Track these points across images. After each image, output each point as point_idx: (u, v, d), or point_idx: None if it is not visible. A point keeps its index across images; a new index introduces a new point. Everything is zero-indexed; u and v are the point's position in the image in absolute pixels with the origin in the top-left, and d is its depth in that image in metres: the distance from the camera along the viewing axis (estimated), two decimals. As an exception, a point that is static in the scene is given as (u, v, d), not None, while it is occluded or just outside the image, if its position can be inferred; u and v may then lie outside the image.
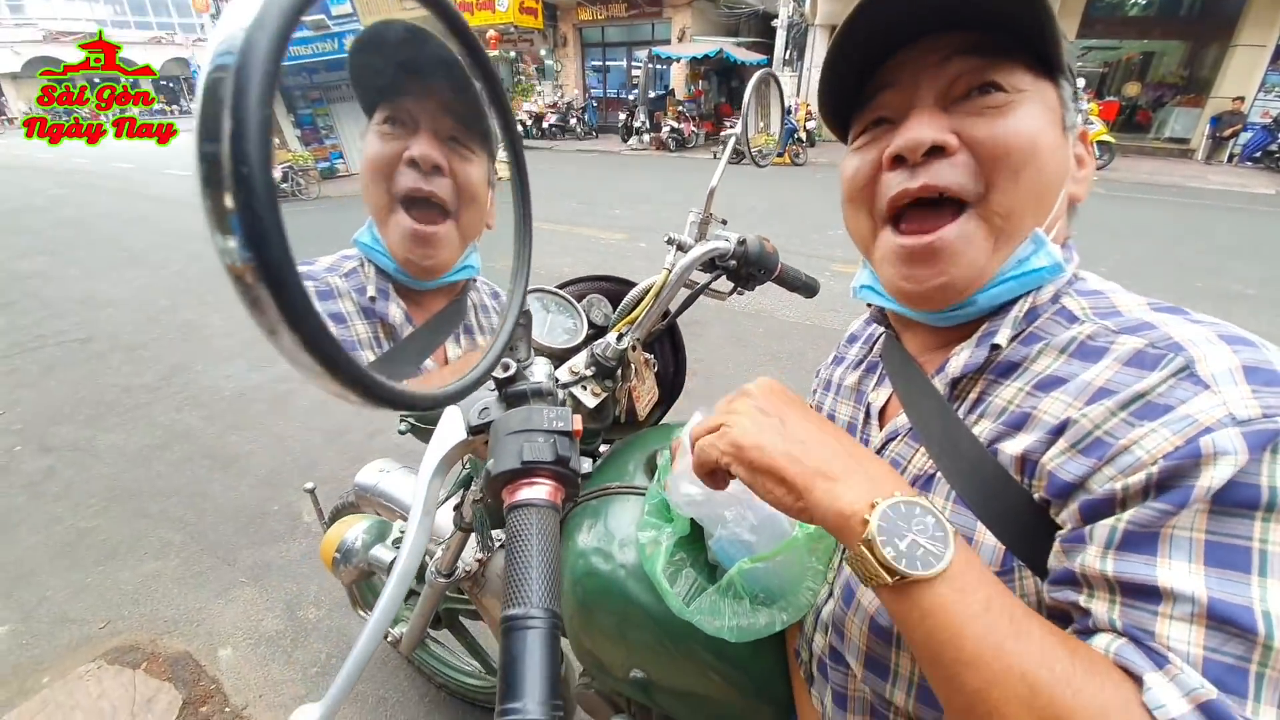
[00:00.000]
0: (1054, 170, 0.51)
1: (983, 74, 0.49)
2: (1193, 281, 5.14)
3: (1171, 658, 0.36)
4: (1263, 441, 0.36)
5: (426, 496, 0.45)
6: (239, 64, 0.22)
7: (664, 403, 1.05)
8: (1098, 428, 0.42)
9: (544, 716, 0.31)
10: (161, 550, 2.24)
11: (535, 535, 0.38)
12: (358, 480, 1.28)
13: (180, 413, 3.17)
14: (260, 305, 0.24)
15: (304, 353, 0.26)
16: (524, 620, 0.34)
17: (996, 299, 0.52)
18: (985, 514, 0.48)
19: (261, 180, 0.22)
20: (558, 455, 0.41)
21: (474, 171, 0.56)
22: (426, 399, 0.34)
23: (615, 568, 0.73)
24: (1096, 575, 0.40)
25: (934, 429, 0.54)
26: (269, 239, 0.23)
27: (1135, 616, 0.38)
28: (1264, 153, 11.33)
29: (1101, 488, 0.41)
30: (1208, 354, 0.41)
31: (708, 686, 0.74)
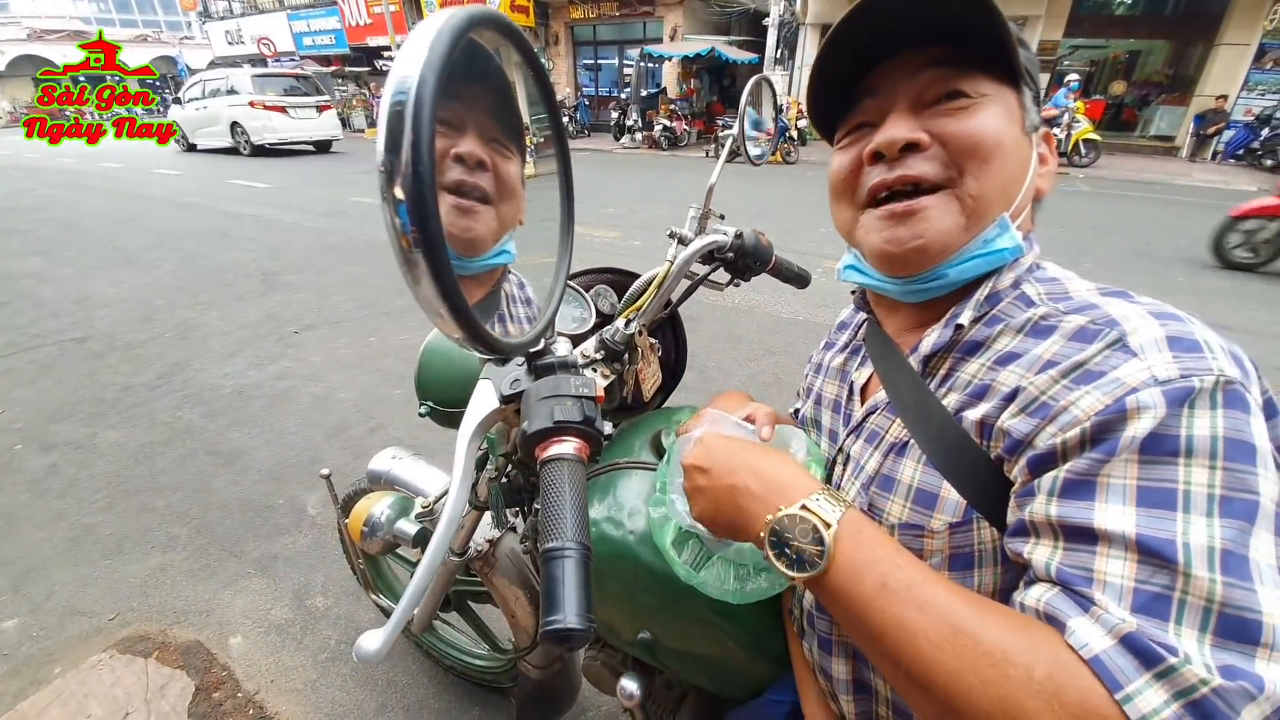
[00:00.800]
0: (1017, 164, 0.57)
1: (949, 83, 0.56)
2: (1174, 276, 5.26)
3: (1101, 598, 0.40)
4: (1180, 397, 0.42)
5: (466, 456, 0.52)
6: (415, 98, 0.31)
7: (666, 386, 1.11)
8: (1043, 393, 0.48)
9: (581, 625, 0.37)
10: (168, 544, 2.28)
11: (568, 483, 0.44)
12: (371, 467, 1.33)
13: (181, 410, 3.20)
14: (414, 263, 0.34)
15: (439, 298, 0.36)
16: (560, 551, 0.40)
17: (964, 274, 0.58)
18: (949, 473, 0.55)
19: (428, 178, 0.32)
20: (585, 416, 0.47)
21: (511, 168, 0.63)
22: (507, 345, 0.45)
23: (625, 534, 0.79)
24: (1042, 521, 0.45)
25: (908, 401, 0.60)
26: (428, 217, 0.33)
27: (1074, 558, 0.43)
28: (1246, 150, 11.54)
29: (1045, 443, 0.47)
30: (1138, 327, 0.47)
31: (710, 645, 0.80)
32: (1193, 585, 0.38)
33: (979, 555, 0.54)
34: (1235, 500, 0.40)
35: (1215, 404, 0.42)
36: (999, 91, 0.57)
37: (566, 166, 0.58)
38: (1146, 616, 0.39)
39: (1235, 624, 0.37)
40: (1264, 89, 11.81)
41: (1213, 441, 0.41)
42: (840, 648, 0.67)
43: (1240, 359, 0.46)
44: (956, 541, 0.54)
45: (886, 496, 0.60)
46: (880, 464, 0.62)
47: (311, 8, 21.96)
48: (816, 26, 14.00)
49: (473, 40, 0.37)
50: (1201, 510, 0.40)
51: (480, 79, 0.54)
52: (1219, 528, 0.39)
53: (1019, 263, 0.60)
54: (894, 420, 0.63)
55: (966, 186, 0.56)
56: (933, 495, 0.56)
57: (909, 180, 0.57)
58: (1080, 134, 10.91)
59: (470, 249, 0.67)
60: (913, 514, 0.57)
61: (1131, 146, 13.66)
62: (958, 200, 0.57)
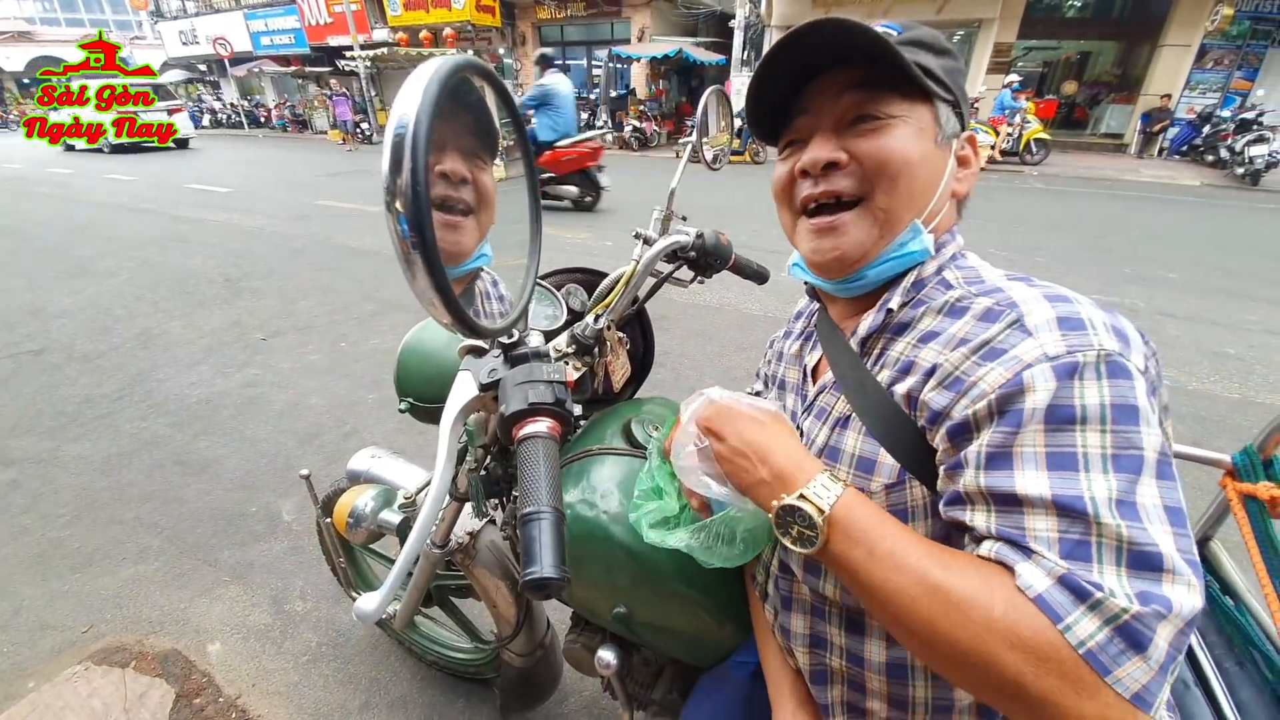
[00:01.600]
0: (927, 176, 0.65)
1: (862, 107, 0.64)
2: (1122, 268, 5.52)
3: (1036, 548, 0.48)
4: (1068, 371, 0.50)
5: (450, 438, 0.57)
6: (413, 132, 0.39)
7: (635, 379, 1.17)
8: (956, 368, 0.56)
9: (556, 574, 0.43)
10: (140, 555, 2.25)
11: (542, 457, 0.50)
12: (350, 466, 1.36)
13: (146, 421, 3.14)
14: (413, 263, 0.42)
15: (433, 290, 0.43)
16: (537, 513, 0.46)
17: (882, 274, 0.67)
18: (885, 441, 0.62)
19: (423, 194, 0.40)
20: (556, 398, 0.53)
21: (487, 178, 0.69)
22: (488, 330, 0.52)
23: (599, 514, 0.85)
24: (974, 491, 0.53)
25: (850, 379, 0.68)
26: (424, 225, 0.41)
27: (1007, 519, 0.51)
28: (1190, 147, 12.07)
29: (959, 414, 0.54)
30: (1033, 310, 0.55)
31: (681, 614, 0.87)
32: (1104, 530, 0.46)
33: (912, 510, 0.61)
34: (1123, 457, 0.48)
35: (1100, 375, 0.50)
36: (911, 110, 0.64)
37: (532, 170, 0.64)
38: (1074, 560, 0.46)
39: (1141, 557, 0.45)
40: (1205, 88, 12.41)
41: (1101, 409, 0.49)
42: (799, 605, 0.74)
43: (1122, 331, 0.53)
44: (893, 500, 0.62)
45: (833, 465, 0.67)
46: (828, 437, 0.70)
47: (269, 7, 21.39)
48: (781, 29, 14.22)
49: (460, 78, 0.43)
50: (1099, 468, 0.48)
51: (463, 108, 0.60)
52: (1114, 481, 0.47)
53: (942, 253, 0.68)
54: (839, 397, 0.70)
55: (878, 201, 0.64)
56: (871, 461, 0.64)
57: (831, 194, 0.66)
58: (1031, 134, 11.37)
59: (455, 260, 0.74)
60: (855, 479, 0.65)
61: (1083, 144, 14.20)
62: (871, 214, 0.65)
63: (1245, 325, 4.19)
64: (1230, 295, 4.79)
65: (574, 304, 1.02)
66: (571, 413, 0.54)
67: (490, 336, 0.51)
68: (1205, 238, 6.67)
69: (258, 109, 23.83)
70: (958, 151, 0.68)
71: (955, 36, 14.56)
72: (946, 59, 0.66)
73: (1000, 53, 13.09)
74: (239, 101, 23.71)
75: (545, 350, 0.59)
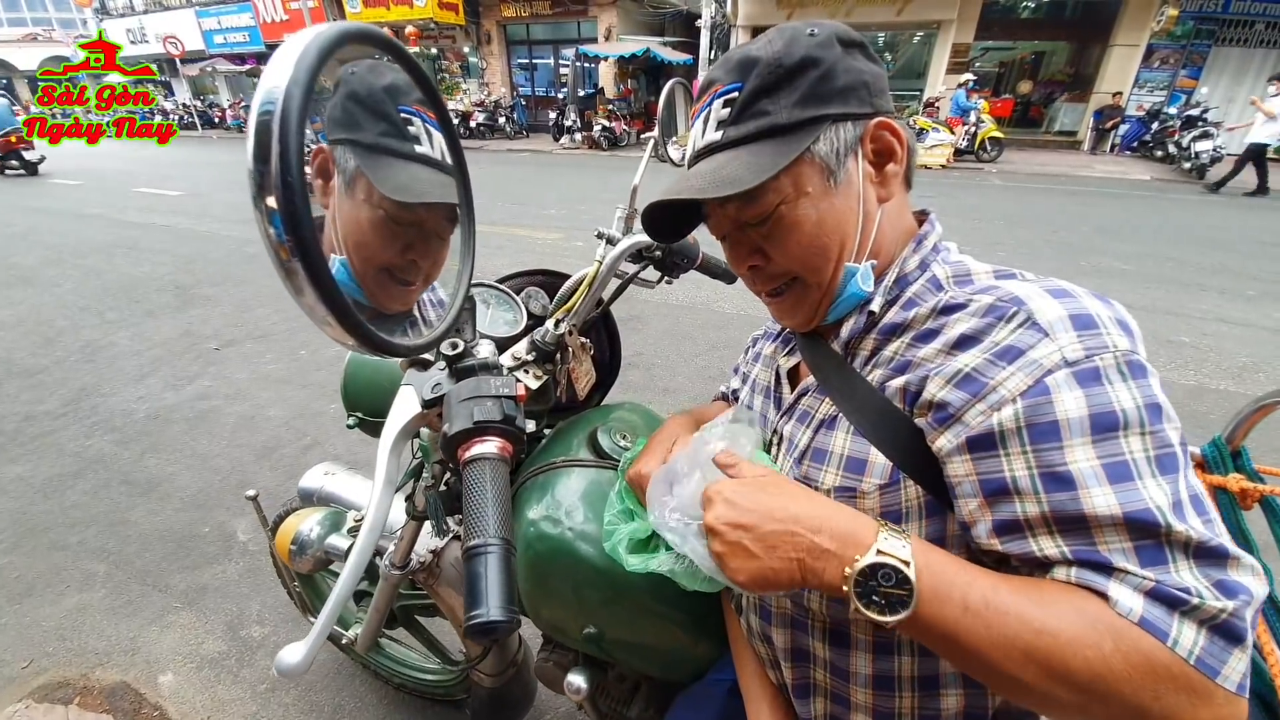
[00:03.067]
0: (833, 225, 0.62)
1: (742, 212, 0.64)
2: (1078, 260, 5.69)
3: (1119, 564, 0.46)
4: (1092, 376, 0.49)
5: (388, 463, 0.51)
6: (282, 110, 0.32)
7: (602, 385, 1.12)
8: (968, 365, 0.53)
9: (503, 617, 0.38)
10: (85, 582, 2.11)
11: (490, 481, 0.44)
12: (302, 485, 1.28)
13: (91, 439, 2.97)
14: (293, 272, 0.35)
15: (321, 305, 0.36)
16: (482, 547, 0.41)
17: (839, 315, 0.67)
18: (876, 439, 0.60)
19: (298, 186, 0.32)
20: (505, 415, 0.48)
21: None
22: (404, 347, 0.44)
23: (564, 530, 0.80)
24: (1037, 518, 0.50)
25: (835, 381, 0.66)
26: (302, 225, 0.33)
27: (1078, 540, 0.48)
28: (1140, 143, 12.58)
29: (977, 421, 0.52)
30: (1042, 307, 0.52)
31: (654, 632, 0.83)
32: (1174, 535, 0.46)
33: (906, 511, 0.59)
34: (1164, 457, 0.48)
35: (1125, 376, 0.49)
36: (792, 181, 0.61)
37: (460, 160, 0.57)
38: (1155, 567, 0.46)
39: (1207, 552, 0.46)
40: (1152, 86, 12.91)
41: (1139, 412, 0.48)
42: (779, 618, 0.71)
43: (1125, 323, 0.53)
44: (886, 501, 0.60)
45: (819, 467, 0.65)
46: (812, 439, 0.67)
47: (222, 4, 20.69)
48: (748, 29, 14.32)
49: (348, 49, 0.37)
50: (1149, 473, 0.47)
51: (369, 88, 0.54)
52: (1165, 485, 0.47)
53: (923, 245, 0.66)
54: (823, 400, 0.68)
55: (806, 278, 0.66)
56: (862, 461, 0.61)
57: (771, 287, 0.69)
58: (985, 133, 11.71)
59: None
60: (844, 479, 0.62)
61: (1039, 141, 14.63)
62: (805, 285, 0.66)
63: (1197, 314, 4.35)
64: (1182, 285, 4.98)
65: (534, 308, 0.97)
66: (523, 430, 0.49)
67: (410, 354, 0.44)
68: (1156, 230, 6.91)
69: (211, 109, 23.01)
70: (868, 157, 0.63)
71: (915, 38, 14.90)
72: (814, 69, 0.60)
73: (959, 53, 13.41)
74: (192, 102, 22.86)
75: (495, 362, 0.54)
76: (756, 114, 0.61)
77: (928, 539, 0.57)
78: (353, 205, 0.60)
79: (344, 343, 0.39)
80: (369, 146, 0.62)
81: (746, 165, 0.60)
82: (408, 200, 0.63)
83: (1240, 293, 4.83)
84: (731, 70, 0.63)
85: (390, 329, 0.57)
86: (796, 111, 0.60)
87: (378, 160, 0.62)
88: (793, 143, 0.60)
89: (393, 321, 0.57)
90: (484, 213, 7.86)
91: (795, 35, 0.61)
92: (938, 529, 0.58)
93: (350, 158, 0.60)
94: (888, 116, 0.63)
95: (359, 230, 0.61)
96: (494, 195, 8.95)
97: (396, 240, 0.63)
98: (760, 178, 0.58)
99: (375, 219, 0.61)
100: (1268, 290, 4.90)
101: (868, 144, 0.63)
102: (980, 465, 0.52)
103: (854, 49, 0.62)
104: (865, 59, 0.63)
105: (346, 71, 0.61)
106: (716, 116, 0.64)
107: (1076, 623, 0.45)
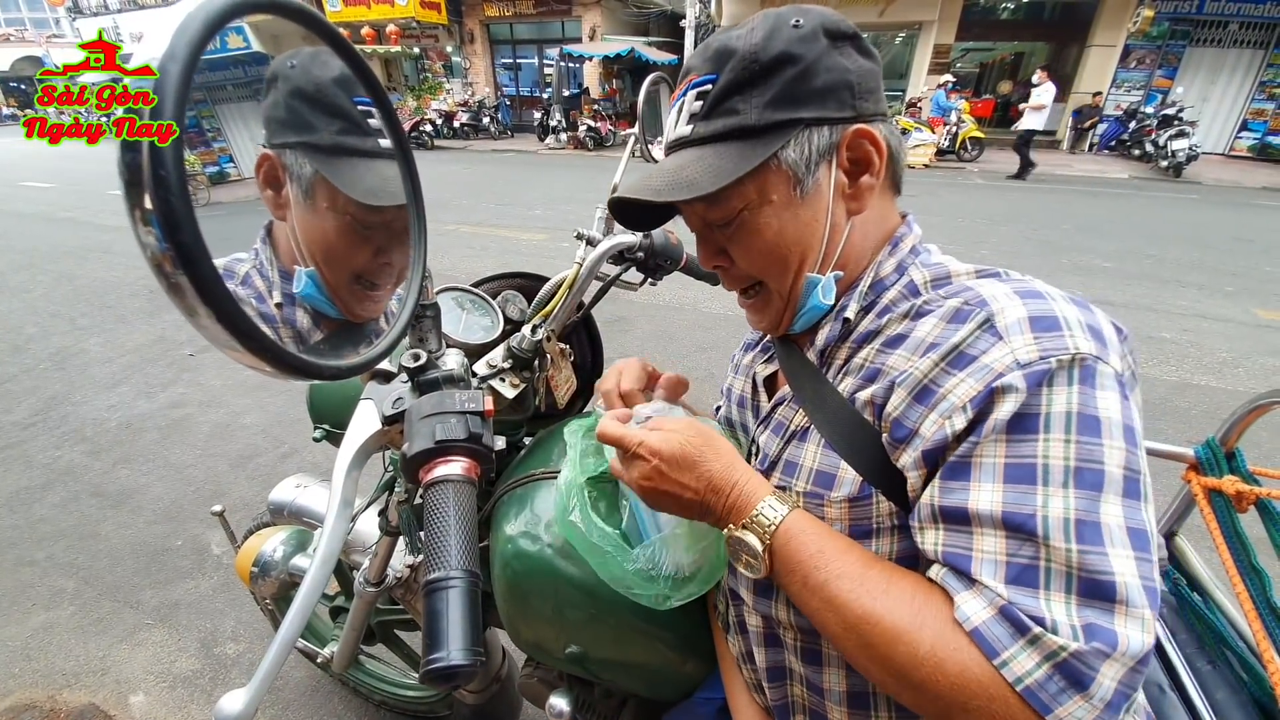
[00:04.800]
0: (794, 236, 0.60)
1: (709, 213, 0.62)
2: (1059, 259, 5.75)
3: (980, 574, 0.45)
4: (1039, 378, 0.45)
5: (345, 486, 0.47)
6: (153, 89, 0.26)
7: (583, 391, 1.08)
8: (925, 376, 0.51)
9: (466, 661, 0.34)
10: (53, 599, 2.04)
11: (453, 506, 0.41)
12: (272, 498, 1.23)
13: (61, 449, 2.87)
14: (180, 289, 0.28)
15: (219, 326, 0.30)
16: (444, 581, 0.37)
17: (806, 325, 0.66)
18: (845, 453, 0.57)
19: (176, 181, 0.27)
20: (470, 433, 0.44)
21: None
22: (330, 368, 0.37)
23: (543, 547, 0.76)
24: (926, 507, 0.49)
25: (808, 392, 0.63)
26: (184, 229, 0.27)
27: (955, 539, 0.47)
28: (1118, 141, 12.79)
29: (931, 432, 0.49)
30: (1005, 307, 0.50)
31: (641, 650, 0.79)
32: (1054, 554, 0.43)
33: (876, 528, 0.56)
34: (1086, 471, 0.44)
35: (1071, 380, 0.45)
36: (759, 187, 0.58)
37: (407, 154, 0.53)
38: (1019, 587, 0.43)
39: (1093, 586, 0.42)
40: (1130, 85, 13.11)
41: (1067, 417, 0.45)
42: (754, 635, 0.69)
43: (1097, 329, 0.48)
44: (855, 515, 0.57)
45: (789, 480, 0.62)
46: (783, 450, 0.65)
47: (200, 3, 20.35)
48: (731, 28, 14.31)
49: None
50: (1058, 482, 0.44)
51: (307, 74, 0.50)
52: (1073, 499, 0.43)
53: (899, 248, 0.63)
54: (797, 411, 0.65)
55: (770, 283, 0.65)
56: (830, 475, 0.59)
57: (738, 288, 0.69)
58: (966, 133, 11.82)
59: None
60: (812, 493, 0.60)
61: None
62: (770, 294, 0.66)
63: (1178, 310, 4.40)
64: (1161, 282, 5.04)
65: (511, 312, 0.92)
66: (491, 448, 0.45)
67: (343, 375, 0.39)
68: (1136, 228, 7.00)
69: (190, 110, 22.57)
70: (842, 166, 0.59)
71: (898, 38, 15.00)
72: (790, 67, 0.55)
73: (940, 54, 13.53)
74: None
75: (461, 374, 0.50)
76: (726, 112, 0.58)
77: (898, 556, 0.56)
78: (315, 214, 0.56)
79: (259, 370, 0.32)
80: (327, 149, 0.57)
81: (708, 168, 0.57)
82: (382, 204, 0.59)
83: (1218, 288, 4.91)
84: (709, 60, 0.59)
85: (355, 340, 0.53)
86: (767, 113, 0.56)
87: (339, 163, 0.57)
88: (759, 147, 0.56)
89: (359, 333, 0.52)
90: (468, 213, 7.79)
91: (778, 26, 0.57)
92: (909, 546, 0.55)
93: (305, 163, 0.56)
94: (872, 121, 0.59)
95: (326, 240, 0.56)
96: (479, 196, 8.86)
97: (368, 245, 0.59)
98: (718, 184, 0.56)
99: (343, 226, 0.57)
100: (1245, 286, 4.98)
101: (844, 153, 0.59)
102: (932, 471, 0.51)
103: (843, 42, 0.58)
104: (857, 53, 0.59)
105: (285, 65, 0.56)
106: (689, 108, 0.60)
107: (903, 616, 0.46)
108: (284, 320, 0.56)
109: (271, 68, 0.58)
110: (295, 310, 0.57)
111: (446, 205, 8.21)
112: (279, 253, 0.55)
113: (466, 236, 6.64)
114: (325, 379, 0.36)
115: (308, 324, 0.57)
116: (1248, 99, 12.69)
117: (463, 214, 7.71)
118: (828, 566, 0.51)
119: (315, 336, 0.56)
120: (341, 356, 0.39)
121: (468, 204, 8.33)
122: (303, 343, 0.57)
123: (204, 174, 0.63)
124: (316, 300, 0.56)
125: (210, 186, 0.64)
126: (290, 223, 0.53)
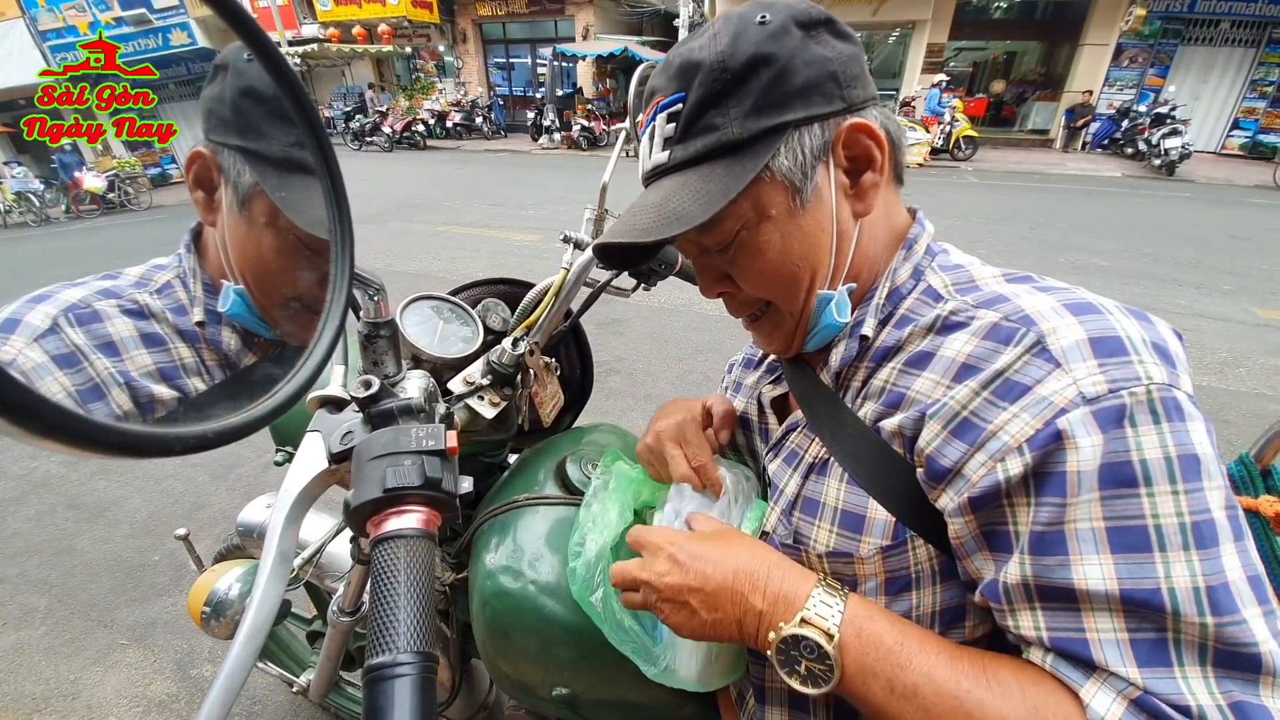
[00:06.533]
0: (802, 250, 0.54)
1: (703, 240, 0.56)
2: (1056, 258, 5.72)
3: (1103, 659, 0.38)
4: (1114, 417, 0.39)
5: (281, 538, 0.39)
6: None
7: (572, 406, 1.01)
8: (964, 408, 0.44)
9: None
10: (23, 618, 1.96)
11: (403, 570, 0.34)
12: (241, 519, 1.15)
13: (35, 460, 2.78)
14: None
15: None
16: (390, 669, 0.30)
17: (818, 345, 0.60)
18: (873, 489, 0.51)
19: None
20: (426, 478, 0.37)
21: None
22: (180, 440, 0.26)
23: (526, 585, 0.70)
24: (1017, 585, 0.42)
25: (824, 418, 0.57)
26: None
27: (1062, 621, 0.40)
28: (1110, 140, 12.83)
29: (982, 478, 0.43)
30: (1057, 326, 0.43)
31: (635, 691, 0.72)
32: (1184, 626, 0.37)
33: (916, 577, 0.50)
34: (1201, 524, 0.38)
35: (1157, 418, 0.39)
36: (753, 205, 0.52)
37: (326, 154, 0.44)
38: (1151, 669, 0.38)
39: (1234, 658, 0.37)
40: (1122, 84, 13.15)
41: (1168, 464, 0.39)
42: (773, 696, 0.62)
43: (1164, 348, 0.42)
44: (891, 565, 0.50)
45: (811, 522, 0.56)
46: (801, 486, 0.58)
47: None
48: (725, 27, 14.25)
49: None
50: (1176, 545, 0.38)
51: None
52: (1197, 562, 0.38)
53: (914, 250, 0.57)
54: (813, 440, 0.59)
55: (779, 305, 0.59)
56: (859, 516, 0.52)
57: (746, 313, 0.63)
58: (959, 132, 11.82)
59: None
60: (840, 540, 0.53)
61: (1012, 140, 14.82)
62: (779, 314, 0.60)
63: (1176, 309, 4.37)
64: (1159, 281, 5.02)
65: (493, 322, 0.86)
66: (453, 493, 0.38)
67: (188, 451, 0.29)
68: (1130, 226, 6.99)
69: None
70: (840, 164, 0.53)
71: (891, 37, 15.00)
72: (765, 70, 0.49)
73: (933, 53, 13.55)
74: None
75: (421, 404, 0.43)
76: (703, 130, 0.51)
77: (943, 608, 0.49)
78: (250, 228, 0.48)
79: (58, 452, 0.22)
80: (275, 161, 0.49)
81: (695, 195, 0.50)
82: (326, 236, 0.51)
83: (1216, 287, 4.88)
84: (673, 78, 0.52)
85: (291, 360, 0.46)
86: (749, 123, 0.50)
87: (287, 180, 0.48)
88: (747, 162, 0.50)
89: (297, 355, 0.45)
90: (461, 214, 7.73)
91: (742, 27, 0.50)
92: (955, 595, 0.49)
93: (245, 170, 0.48)
94: (864, 110, 0.53)
95: (260, 258, 0.49)
96: (471, 196, 8.78)
97: (312, 268, 0.51)
98: (710, 210, 0.49)
99: (282, 245, 0.49)
100: (1242, 285, 4.96)
101: (840, 150, 0.53)
102: (983, 519, 0.44)
103: (816, 29, 0.51)
104: (833, 38, 0.52)
105: (238, 57, 0.49)
106: (662, 133, 0.54)
107: (1019, 717, 0.39)
108: (206, 340, 0.49)
109: (221, 55, 0.50)
110: (220, 329, 0.50)
111: (438, 206, 8.13)
112: (205, 262, 0.48)
113: (459, 238, 6.57)
114: (171, 454, 0.28)
115: (236, 345, 0.50)
116: (1239, 97, 12.76)
117: (455, 215, 7.64)
118: (915, 659, 0.44)
119: (246, 359, 0.49)
120: (237, 407, 0.31)
121: (460, 205, 8.25)
122: (230, 367, 0.49)
123: (145, 176, 0.56)
124: (246, 320, 0.49)
125: (152, 190, 0.57)
126: (220, 231, 0.46)
